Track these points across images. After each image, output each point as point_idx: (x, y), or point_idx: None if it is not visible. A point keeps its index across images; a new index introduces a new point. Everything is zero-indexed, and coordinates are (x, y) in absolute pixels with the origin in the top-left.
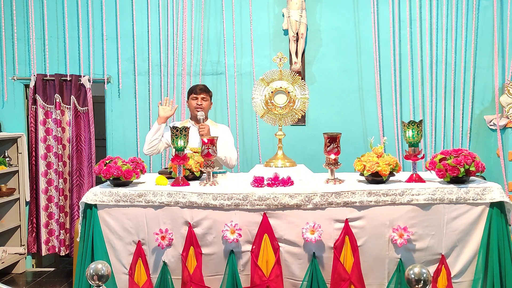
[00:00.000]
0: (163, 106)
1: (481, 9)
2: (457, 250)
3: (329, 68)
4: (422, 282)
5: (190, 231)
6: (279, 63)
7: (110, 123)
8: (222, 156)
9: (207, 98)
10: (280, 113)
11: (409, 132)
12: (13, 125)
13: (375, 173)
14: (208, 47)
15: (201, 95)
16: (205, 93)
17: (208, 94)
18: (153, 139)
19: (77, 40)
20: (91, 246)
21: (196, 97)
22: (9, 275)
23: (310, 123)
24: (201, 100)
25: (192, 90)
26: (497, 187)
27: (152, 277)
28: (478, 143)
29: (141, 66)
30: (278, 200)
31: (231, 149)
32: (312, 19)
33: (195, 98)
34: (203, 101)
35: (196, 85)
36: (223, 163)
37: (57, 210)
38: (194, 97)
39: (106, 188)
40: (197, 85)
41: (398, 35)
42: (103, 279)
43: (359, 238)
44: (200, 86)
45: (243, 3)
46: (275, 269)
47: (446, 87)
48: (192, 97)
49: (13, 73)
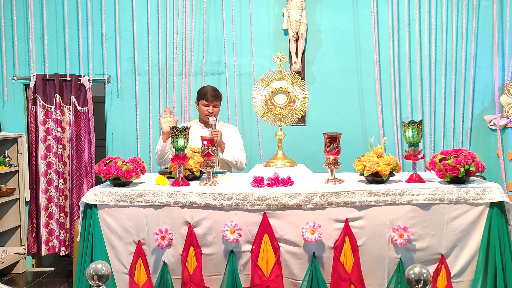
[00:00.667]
0: (165, 119)
1: (481, 9)
2: (457, 250)
3: (329, 68)
4: (422, 282)
5: (190, 231)
6: (279, 63)
7: (110, 123)
8: (233, 160)
9: (218, 105)
10: (280, 113)
11: (409, 132)
12: (13, 125)
13: (375, 173)
14: (208, 47)
15: (213, 103)
16: (217, 100)
17: (219, 100)
18: (165, 153)
19: (77, 40)
20: (91, 246)
21: (207, 105)
22: (9, 275)
23: (310, 123)
24: (212, 108)
25: (203, 96)
26: (497, 187)
27: (152, 277)
28: (478, 143)
29: (141, 66)
30: (278, 200)
31: (241, 152)
32: (312, 19)
33: (206, 105)
34: (214, 108)
35: (206, 89)
36: (233, 166)
37: (57, 210)
38: (205, 104)
39: (106, 188)
40: (208, 89)
41: (398, 35)
42: (103, 279)
43: (359, 238)
44: (211, 93)
45: (243, 3)
46: (275, 269)
47: (446, 87)
48: (203, 103)
49: (13, 73)
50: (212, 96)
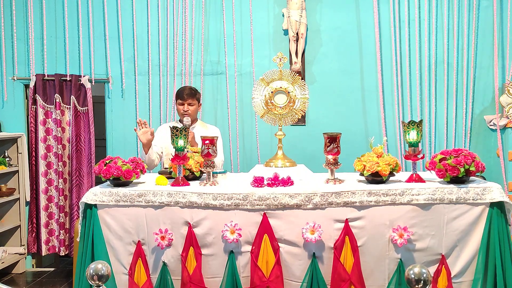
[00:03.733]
0: (141, 130)
1: (481, 9)
2: (457, 250)
3: (329, 68)
4: (422, 282)
5: (190, 231)
6: (279, 63)
7: (110, 123)
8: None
9: (194, 103)
10: (280, 113)
11: (409, 132)
12: (13, 125)
13: (375, 173)
14: (208, 47)
15: (187, 100)
16: (192, 98)
17: (195, 98)
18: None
19: (77, 40)
20: (91, 246)
21: (182, 103)
22: (9, 275)
23: (310, 123)
24: (187, 106)
25: (179, 95)
26: (497, 187)
27: (152, 277)
28: (478, 143)
29: (141, 66)
30: (278, 200)
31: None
32: (312, 19)
33: (181, 104)
34: (189, 106)
35: (183, 89)
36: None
37: (57, 210)
38: (181, 102)
39: (106, 188)
40: (184, 89)
41: (399, 35)
42: (103, 279)
43: (359, 238)
44: (186, 91)
45: (243, 3)
46: (275, 270)
47: (446, 87)
48: (179, 102)
49: (13, 73)
50: (187, 94)
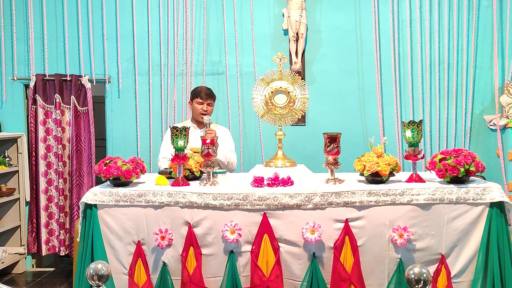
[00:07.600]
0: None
1: (481, 9)
2: (457, 250)
3: (329, 68)
4: (422, 282)
5: (190, 231)
6: (279, 63)
7: (110, 123)
8: (225, 161)
9: (212, 104)
10: (280, 113)
11: (409, 132)
12: (13, 125)
13: (375, 173)
14: (208, 47)
15: (207, 100)
16: (211, 98)
17: (213, 99)
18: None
19: (77, 40)
20: (91, 246)
21: (202, 102)
22: (9, 275)
23: (310, 123)
24: (206, 106)
25: (198, 94)
26: (497, 187)
27: (152, 277)
28: (478, 143)
29: (141, 66)
30: (278, 200)
31: (232, 153)
32: (312, 19)
33: (200, 103)
34: (208, 106)
35: (200, 88)
36: (224, 166)
37: (57, 210)
38: (200, 102)
39: (106, 188)
40: (202, 88)
41: (398, 35)
42: (103, 279)
43: (359, 238)
44: (206, 91)
45: (243, 3)
46: (275, 269)
47: (446, 87)
48: (197, 101)
49: (13, 73)
50: (206, 94)
